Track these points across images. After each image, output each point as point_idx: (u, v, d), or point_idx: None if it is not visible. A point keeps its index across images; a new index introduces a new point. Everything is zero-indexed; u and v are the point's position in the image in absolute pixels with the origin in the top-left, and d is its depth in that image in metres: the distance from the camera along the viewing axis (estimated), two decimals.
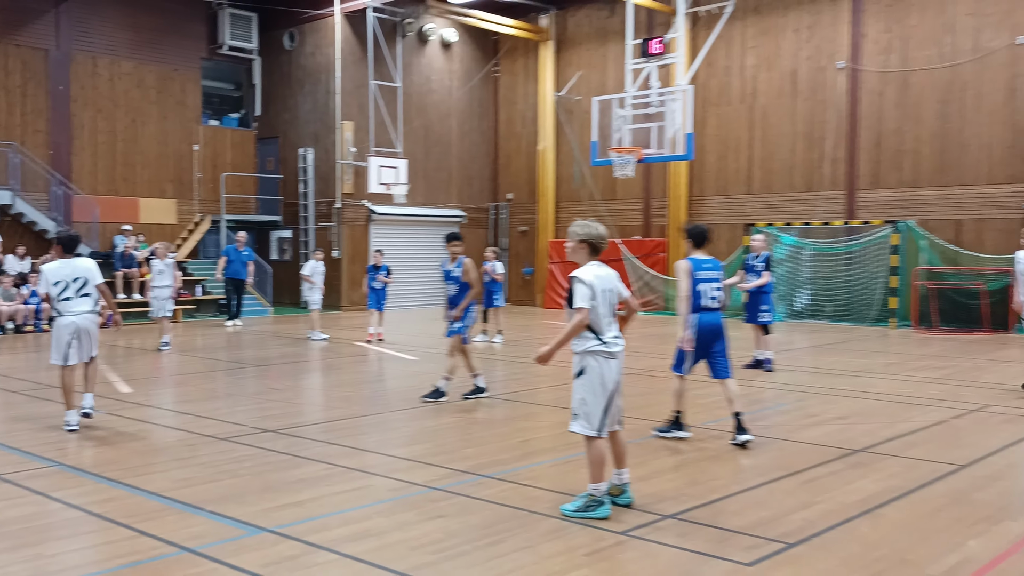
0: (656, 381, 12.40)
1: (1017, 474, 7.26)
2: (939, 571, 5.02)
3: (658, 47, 19.89)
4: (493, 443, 8.42)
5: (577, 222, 6.15)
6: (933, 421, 9.35)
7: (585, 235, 6.02)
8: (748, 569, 5.04)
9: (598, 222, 6.20)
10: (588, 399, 5.94)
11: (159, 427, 9.24)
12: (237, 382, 12.67)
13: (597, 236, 6.03)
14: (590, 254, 6.05)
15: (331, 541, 5.50)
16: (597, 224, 6.12)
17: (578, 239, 6.05)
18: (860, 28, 21.90)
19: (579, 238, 6.04)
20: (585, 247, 6.04)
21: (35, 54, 23.09)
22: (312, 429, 9.10)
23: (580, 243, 6.04)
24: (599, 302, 5.91)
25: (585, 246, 6.03)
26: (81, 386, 9.14)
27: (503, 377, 13.00)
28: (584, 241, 6.02)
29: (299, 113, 26.56)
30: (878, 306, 21.13)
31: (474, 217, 28.87)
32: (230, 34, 26.12)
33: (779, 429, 9.05)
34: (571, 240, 6.11)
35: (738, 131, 23.99)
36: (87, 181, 23.92)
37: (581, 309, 5.83)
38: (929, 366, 13.92)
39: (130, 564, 5.14)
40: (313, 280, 18.41)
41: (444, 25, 27.59)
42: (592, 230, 6.03)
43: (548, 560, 5.22)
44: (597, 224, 6.12)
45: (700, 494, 6.56)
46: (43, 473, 7.28)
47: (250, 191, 27.42)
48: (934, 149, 20.95)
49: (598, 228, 6.07)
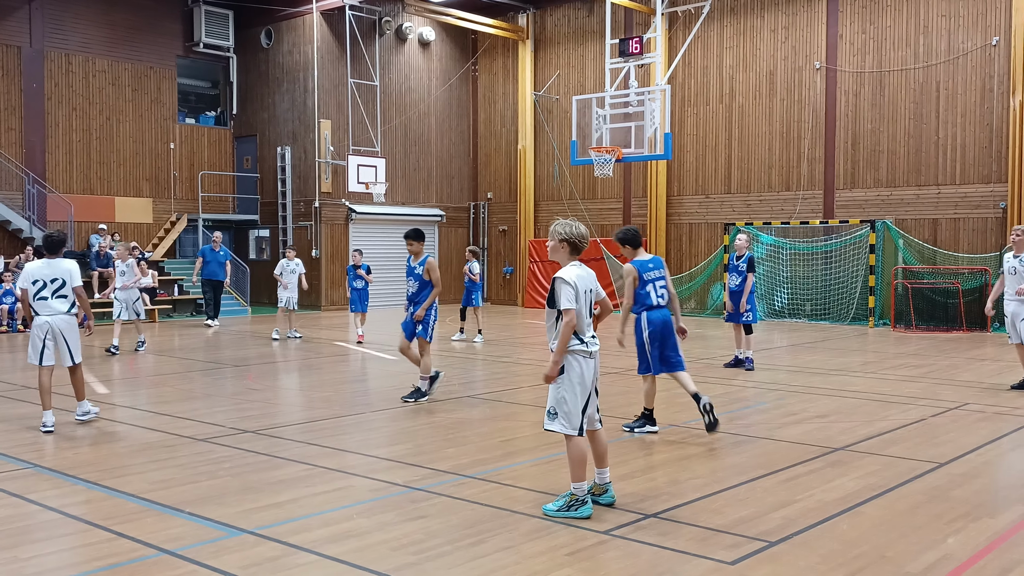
0: (635, 381, 12.41)
1: (994, 472, 7.33)
2: (918, 568, 5.06)
3: (636, 47, 19.93)
4: (474, 443, 8.40)
5: (559, 221, 6.12)
6: (911, 419, 9.43)
7: (567, 235, 5.99)
8: (729, 568, 5.05)
9: (579, 222, 6.19)
10: (568, 398, 5.92)
11: (137, 428, 9.15)
12: (215, 382, 12.58)
13: (578, 236, 6.00)
14: (571, 253, 6.03)
15: (312, 542, 5.47)
16: (579, 224, 6.10)
17: (559, 238, 6.02)
18: (836, 29, 22.05)
19: (560, 237, 6.02)
20: (566, 247, 6.02)
21: (8, 51, 22.84)
22: (292, 430, 9.04)
23: (561, 242, 6.02)
24: (581, 303, 5.91)
25: (566, 245, 6.01)
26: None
27: (484, 377, 12.98)
28: (565, 240, 6.00)
29: (277, 111, 26.43)
30: (856, 305, 21.30)
31: (454, 216, 28.83)
32: (206, 31, 25.94)
33: (759, 428, 9.09)
34: (552, 239, 6.10)
35: (716, 131, 24.10)
36: (62, 180, 23.69)
37: (568, 311, 5.82)
38: (907, 364, 14.03)
39: (109, 567, 5.09)
40: (283, 280, 18.06)
41: (422, 24, 27.54)
42: (574, 229, 6.00)
43: (530, 560, 5.21)
44: (579, 224, 6.10)
45: (681, 493, 6.57)
46: (19, 475, 7.19)
47: (227, 190, 27.25)
48: (910, 149, 21.14)
49: (580, 228, 6.04)
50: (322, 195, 25.43)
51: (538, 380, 11.53)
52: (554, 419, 5.99)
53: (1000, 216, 19.87)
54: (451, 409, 10.13)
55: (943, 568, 5.06)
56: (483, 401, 10.75)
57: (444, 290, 28.52)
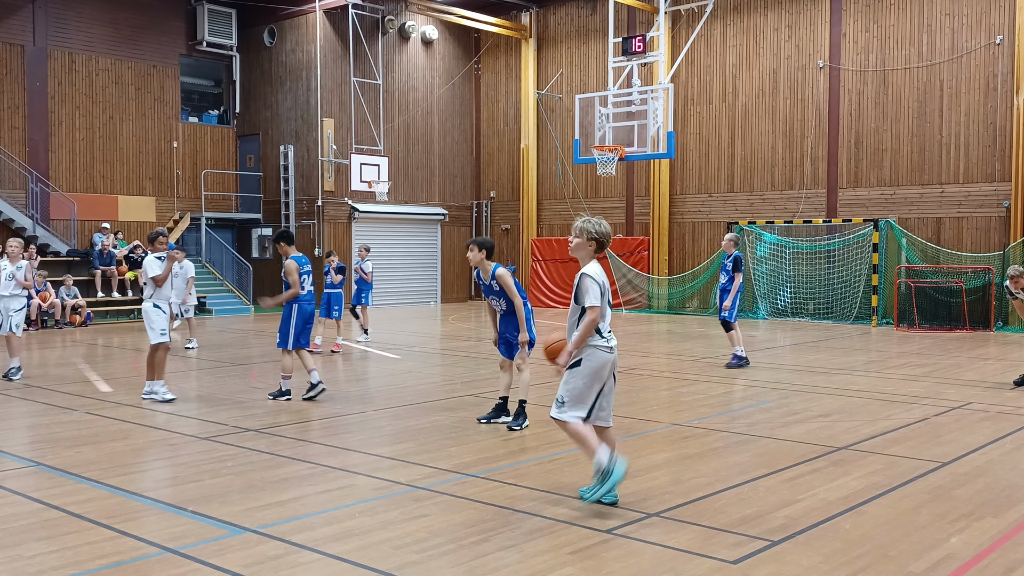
0: (639, 379, 12.43)
1: (997, 471, 7.31)
2: (921, 568, 5.05)
3: (639, 45, 19.92)
4: (477, 442, 8.39)
5: (585, 218, 6.17)
6: (914, 419, 9.41)
7: (595, 232, 6.06)
8: (732, 567, 5.04)
9: (603, 219, 6.27)
10: (581, 386, 6.00)
11: (140, 426, 9.16)
12: (218, 381, 12.59)
13: (605, 234, 6.09)
14: (596, 251, 6.10)
15: (314, 541, 5.46)
16: (604, 221, 6.19)
17: (588, 236, 6.07)
18: (839, 27, 22.02)
19: (588, 235, 6.07)
20: (593, 244, 6.08)
21: (11, 50, 22.86)
22: (294, 428, 9.04)
23: (589, 240, 6.07)
24: (604, 300, 6.01)
25: (593, 243, 6.08)
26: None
27: (487, 375, 12.97)
28: (594, 239, 6.07)
29: (280, 110, 26.43)
30: (859, 304, 21.27)
31: (456, 215, 28.83)
32: (209, 30, 25.96)
33: (762, 427, 9.08)
34: (579, 236, 6.12)
35: (719, 130, 24.07)
36: (65, 178, 23.71)
37: (594, 308, 5.91)
38: (910, 364, 14.01)
39: (112, 565, 5.09)
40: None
41: (425, 22, 27.54)
42: (601, 227, 6.09)
43: (533, 559, 5.20)
44: (604, 221, 6.19)
45: (684, 492, 6.57)
46: (22, 473, 7.20)
47: (230, 188, 27.26)
48: (913, 148, 21.11)
49: (605, 226, 6.14)
50: (325, 194, 25.44)
51: (540, 379, 11.51)
52: (562, 408, 6.05)
53: (1004, 215, 19.83)
54: (454, 408, 10.13)
55: (946, 567, 5.05)
56: (485, 400, 10.75)
57: (446, 287, 28.66)
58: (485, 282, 8.87)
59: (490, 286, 8.82)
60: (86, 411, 9.78)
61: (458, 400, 10.62)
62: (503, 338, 8.98)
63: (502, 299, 8.78)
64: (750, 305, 22.72)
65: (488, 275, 8.78)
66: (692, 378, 12.53)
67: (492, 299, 8.91)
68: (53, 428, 8.99)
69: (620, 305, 24.80)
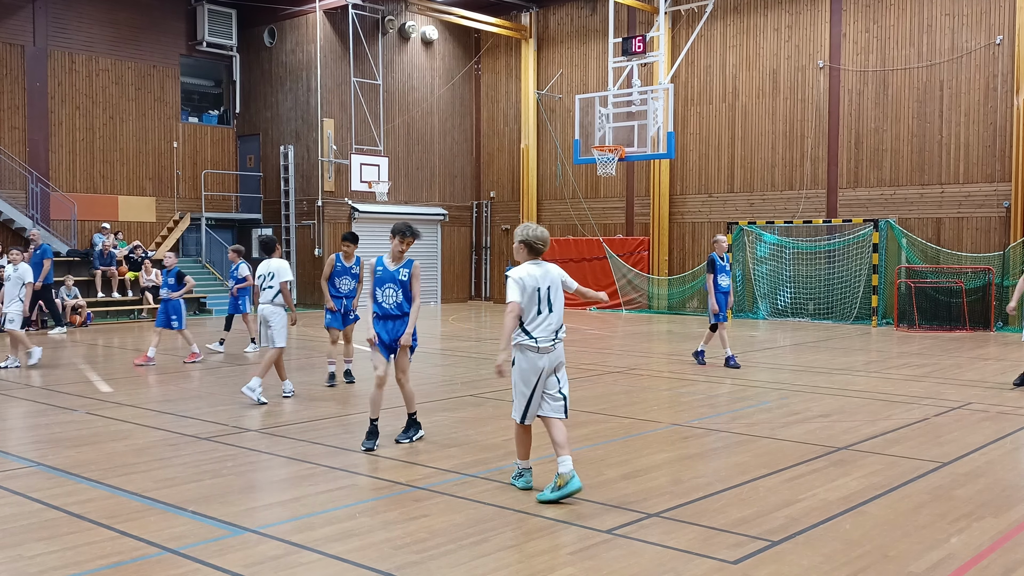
0: (639, 379, 12.43)
1: (997, 471, 7.31)
2: (921, 568, 5.05)
3: (639, 45, 19.91)
4: (477, 442, 8.40)
5: (521, 224, 6.70)
6: (914, 419, 9.41)
7: (523, 237, 6.55)
8: (732, 567, 5.05)
9: (540, 225, 6.79)
10: (516, 387, 6.46)
11: (140, 427, 9.16)
12: (218, 381, 12.58)
13: (534, 238, 6.52)
14: (528, 254, 6.54)
15: (315, 541, 5.47)
16: (538, 227, 6.64)
17: (517, 239, 6.60)
18: (839, 28, 22.02)
19: (518, 239, 6.58)
20: (524, 247, 6.55)
21: (12, 50, 22.86)
22: (294, 428, 9.05)
23: (520, 244, 6.56)
24: (527, 298, 6.34)
25: (524, 247, 6.54)
26: None
27: (487, 375, 12.98)
28: (522, 242, 6.54)
29: (280, 110, 26.44)
30: (859, 304, 21.27)
31: (456, 215, 28.83)
32: (209, 30, 25.97)
33: (762, 427, 9.08)
34: (514, 241, 6.65)
35: (719, 130, 24.08)
36: (65, 178, 23.72)
37: (511, 303, 6.34)
38: (910, 364, 14.01)
39: (112, 565, 5.09)
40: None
41: (425, 23, 27.54)
42: (531, 233, 6.54)
43: (533, 559, 5.21)
44: (538, 227, 6.64)
45: (684, 492, 6.57)
46: (22, 473, 7.20)
47: (230, 189, 27.26)
48: (913, 148, 21.11)
49: (537, 230, 6.57)
50: (325, 194, 25.45)
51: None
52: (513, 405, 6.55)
53: (1004, 215, 19.83)
54: (454, 408, 10.13)
55: (946, 568, 5.05)
56: (485, 400, 10.75)
57: (446, 287, 28.66)
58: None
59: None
60: (86, 411, 9.78)
61: (458, 400, 10.62)
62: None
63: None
64: (750, 305, 22.73)
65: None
66: (692, 378, 12.53)
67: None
68: (53, 428, 9.00)
69: (620, 305, 24.81)
